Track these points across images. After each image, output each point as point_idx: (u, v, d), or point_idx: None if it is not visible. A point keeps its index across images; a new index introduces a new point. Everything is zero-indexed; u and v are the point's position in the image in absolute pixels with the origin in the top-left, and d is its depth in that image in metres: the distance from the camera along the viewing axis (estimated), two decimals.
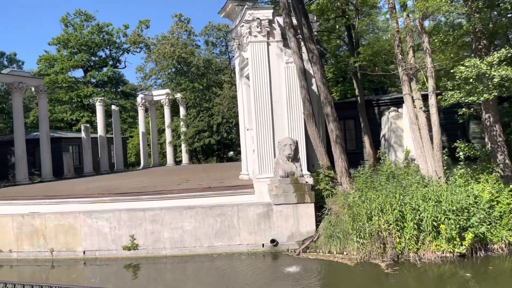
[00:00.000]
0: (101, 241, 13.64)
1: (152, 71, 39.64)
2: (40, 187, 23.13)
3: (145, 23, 44.94)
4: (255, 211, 13.14)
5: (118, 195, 17.26)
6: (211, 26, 37.74)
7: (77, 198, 17.40)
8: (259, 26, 16.41)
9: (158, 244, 13.38)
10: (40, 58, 46.67)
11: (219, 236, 13.19)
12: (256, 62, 16.53)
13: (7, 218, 14.38)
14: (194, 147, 36.74)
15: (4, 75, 26.89)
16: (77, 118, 43.88)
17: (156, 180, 22.50)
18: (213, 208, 13.31)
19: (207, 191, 16.68)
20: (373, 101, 21.82)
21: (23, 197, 18.64)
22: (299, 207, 13.03)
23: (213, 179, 20.05)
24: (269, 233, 13.09)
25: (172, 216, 13.32)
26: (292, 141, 13.70)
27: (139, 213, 13.54)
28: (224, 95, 33.93)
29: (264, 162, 16.33)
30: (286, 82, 16.45)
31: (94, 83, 46.67)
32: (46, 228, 13.97)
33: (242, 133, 19.58)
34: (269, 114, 16.42)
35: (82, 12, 44.97)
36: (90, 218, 13.73)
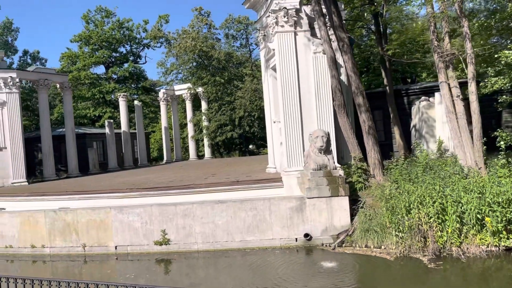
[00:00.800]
0: (133, 236, 13.59)
1: (173, 65, 39.63)
2: (68, 183, 23.34)
3: (164, 18, 44.95)
4: (288, 205, 12.86)
5: (146, 189, 17.25)
6: (231, 19, 37.47)
7: (106, 193, 17.49)
8: (286, 16, 16.03)
9: (189, 239, 13.25)
10: (62, 55, 47.20)
11: (251, 231, 12.97)
12: (283, 52, 16.18)
13: (40, 213, 14.46)
14: (216, 141, 36.62)
15: (30, 72, 27.20)
16: (99, 114, 44.27)
17: (182, 174, 22.44)
18: (244, 202, 13.08)
19: (235, 185, 16.52)
20: (402, 90, 21.19)
21: (53, 193, 18.81)
22: (333, 200, 12.69)
23: (239, 173, 19.86)
24: (302, 227, 12.80)
25: (203, 211, 13.15)
26: (324, 132, 13.34)
27: (170, 207, 13.41)
28: (246, 88, 33.63)
29: (292, 155, 16.02)
30: (314, 73, 16.06)
31: (116, 79, 46.99)
32: (78, 223, 13.99)
33: (269, 126, 19.27)
34: (297, 105, 16.08)
35: (102, 9, 45.19)
36: (121, 213, 13.68)
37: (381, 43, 20.23)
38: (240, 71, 37.58)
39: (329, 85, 16.00)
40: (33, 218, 14.50)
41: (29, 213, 14.78)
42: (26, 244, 14.53)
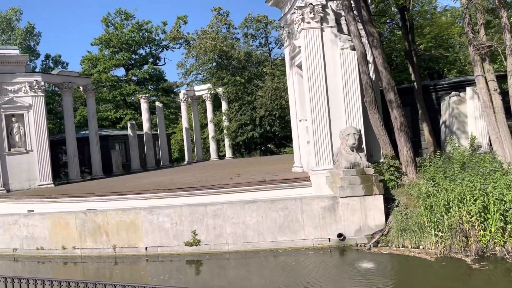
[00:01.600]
0: (163, 237, 13.51)
1: (193, 66, 39.66)
2: (93, 184, 23.52)
3: (183, 19, 45.19)
4: (320, 204, 12.59)
5: (173, 190, 17.21)
6: (250, 18, 37.28)
7: (133, 195, 17.52)
8: (312, 12, 15.75)
9: (220, 239, 13.10)
10: (83, 58, 47.82)
11: (282, 231, 12.74)
12: (310, 49, 15.90)
13: (70, 215, 14.51)
14: (237, 141, 36.48)
15: (54, 75, 27.53)
16: (120, 116, 44.66)
17: (206, 174, 22.37)
18: (275, 202, 12.86)
19: (262, 184, 16.35)
20: (430, 86, 20.67)
21: (81, 195, 18.96)
22: (366, 199, 12.37)
23: (264, 173, 19.66)
24: (335, 227, 12.51)
25: (234, 211, 12.98)
26: (355, 130, 13.03)
27: (200, 208, 13.29)
28: (266, 87, 33.38)
29: (320, 154, 15.73)
30: (342, 69, 15.73)
31: (136, 81, 47.37)
32: (108, 225, 13.98)
33: (294, 124, 19.02)
34: (325, 103, 15.78)
35: (122, 11, 45.62)
36: (151, 214, 13.62)
37: (407, 38, 19.75)
38: (259, 70, 37.34)
39: (357, 81, 15.65)
40: (64, 219, 14.56)
41: (60, 214, 14.86)
42: (57, 246, 14.60)
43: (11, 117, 24.47)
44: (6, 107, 24.18)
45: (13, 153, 24.34)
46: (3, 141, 23.96)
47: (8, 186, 23.84)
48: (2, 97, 24.12)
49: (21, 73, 24.84)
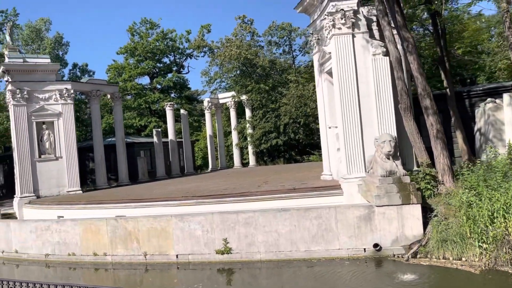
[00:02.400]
0: (194, 244, 13.39)
1: (217, 74, 39.83)
2: (121, 191, 23.67)
3: (206, 28, 45.59)
4: (355, 213, 12.27)
5: (202, 197, 17.13)
6: (274, 25, 37.29)
7: (162, 201, 17.51)
8: (343, 18, 15.58)
9: (252, 248, 12.90)
10: (109, 67, 48.72)
11: (316, 240, 12.45)
12: (341, 55, 15.71)
13: (102, 221, 14.56)
14: (261, 149, 36.34)
15: (83, 83, 28.01)
16: (145, 123, 45.16)
17: (232, 182, 22.23)
18: (308, 211, 12.60)
19: (291, 192, 16.11)
20: (463, 93, 20.10)
21: (110, 201, 19.05)
22: (403, 209, 11.99)
23: (291, 180, 19.41)
24: (371, 237, 12.16)
25: (266, 219, 12.78)
26: (391, 137, 12.70)
27: (232, 215, 13.13)
28: (291, 94, 33.21)
29: (352, 161, 15.45)
30: (373, 75, 15.49)
31: (160, 89, 47.91)
32: (139, 232, 13.96)
33: (323, 131, 18.74)
34: (357, 110, 15.53)
35: (147, 21, 46.33)
36: (182, 221, 13.53)
37: (439, 43, 19.29)
38: (283, 78, 37.23)
39: (389, 87, 15.37)
40: (95, 226, 14.62)
41: (91, 221, 14.93)
42: (89, 252, 14.66)
43: (41, 124, 24.94)
44: (37, 114, 24.66)
45: (43, 159, 24.75)
46: (34, 148, 24.39)
47: (38, 192, 24.22)
48: (33, 105, 24.61)
49: (52, 82, 25.33)
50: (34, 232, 15.81)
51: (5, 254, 16.74)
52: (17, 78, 24.29)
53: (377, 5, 13.66)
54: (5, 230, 16.72)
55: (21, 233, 16.21)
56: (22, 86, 24.19)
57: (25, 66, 24.64)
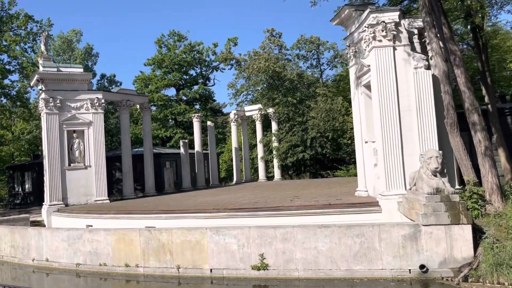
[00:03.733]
0: (229, 259, 12.99)
1: (243, 87, 39.80)
2: (149, 202, 23.51)
3: (233, 41, 45.84)
4: (400, 232, 11.69)
5: (234, 210, 16.77)
6: (303, 39, 37.15)
7: (192, 213, 17.23)
8: (384, 30, 15.23)
9: (289, 265, 12.42)
10: (136, 78, 49.34)
11: (358, 259, 11.90)
12: (381, 68, 15.32)
13: (135, 232, 14.32)
14: (287, 162, 35.89)
15: (114, 93, 28.24)
16: (170, 134, 45.35)
17: (262, 195, 21.82)
18: (350, 228, 12.08)
19: (327, 208, 15.62)
20: (505, 109, 19.37)
21: (140, 211, 18.86)
22: (452, 229, 11.36)
23: (324, 196, 18.90)
24: (417, 258, 11.54)
25: (305, 235, 12.31)
26: (438, 153, 12.13)
27: (269, 230, 12.71)
28: (319, 108, 32.80)
29: (391, 178, 14.92)
30: (415, 89, 15.04)
31: (185, 100, 48.18)
32: (173, 244, 13.65)
33: (359, 146, 18.23)
34: (397, 124, 15.05)
35: (175, 33, 46.88)
36: (218, 234, 13.17)
37: (481, 57, 18.70)
38: (310, 92, 36.90)
39: (431, 102, 14.88)
40: (128, 236, 14.39)
41: (124, 231, 14.72)
42: (120, 263, 14.41)
43: (72, 133, 25.17)
44: (68, 123, 24.91)
45: (72, 168, 24.90)
46: (64, 156, 24.57)
47: (67, 200, 24.30)
48: (65, 114, 24.89)
49: (84, 91, 25.62)
50: (66, 240, 15.69)
51: (35, 262, 16.67)
52: (51, 87, 24.65)
53: (424, 16, 13.25)
54: (37, 238, 16.67)
55: (53, 241, 16.12)
56: (55, 95, 24.54)
57: (59, 75, 25.02)
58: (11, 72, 31.54)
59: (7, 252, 18.03)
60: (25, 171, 36.75)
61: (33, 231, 17.07)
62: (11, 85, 31.41)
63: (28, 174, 36.39)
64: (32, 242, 16.83)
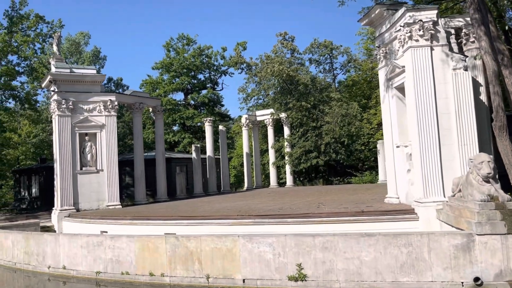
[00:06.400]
0: (263, 269, 12.20)
1: (254, 91, 39.14)
2: (163, 207, 22.76)
3: (242, 45, 45.31)
4: (451, 241, 10.92)
5: (259, 217, 16.01)
6: (316, 43, 36.57)
7: (216, 220, 16.47)
8: (422, 29, 14.57)
9: (330, 275, 11.63)
10: (143, 82, 48.70)
11: (405, 270, 11.12)
12: (418, 69, 14.64)
13: (160, 239, 13.54)
14: (300, 168, 35.11)
15: (127, 95, 27.57)
16: (178, 139, 44.61)
17: (282, 202, 21.04)
18: (397, 237, 11.31)
19: (359, 215, 14.88)
20: None
21: (158, 217, 18.13)
22: (509, 239, 10.60)
23: (351, 203, 18.12)
24: (470, 270, 10.76)
25: (347, 244, 11.53)
26: (489, 157, 11.40)
27: (307, 239, 11.93)
28: (334, 113, 32.09)
29: (429, 184, 14.18)
30: (454, 91, 14.36)
31: (193, 105, 47.50)
32: (202, 252, 12.86)
33: (389, 151, 17.48)
34: (435, 128, 14.34)
35: (184, 36, 46.33)
36: (251, 242, 12.39)
37: None
38: (324, 96, 36.23)
39: (471, 104, 14.22)
40: (153, 243, 13.60)
41: (149, 238, 13.93)
42: (144, 272, 13.61)
43: (84, 136, 24.43)
44: (80, 125, 24.19)
45: (84, 172, 24.14)
46: (76, 160, 23.83)
47: (78, 205, 23.53)
48: (77, 116, 24.17)
49: (96, 93, 24.92)
50: (85, 247, 14.89)
51: (51, 269, 15.85)
52: (63, 88, 23.95)
53: (472, 13, 12.59)
54: (53, 244, 15.87)
55: (71, 248, 15.32)
56: (67, 97, 23.83)
57: (72, 77, 24.33)
58: (20, 73, 30.84)
59: (20, 259, 17.21)
60: (32, 175, 35.91)
61: (49, 237, 16.26)
62: (21, 87, 30.68)
63: (35, 178, 35.55)
64: (48, 249, 16.02)
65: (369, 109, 36.73)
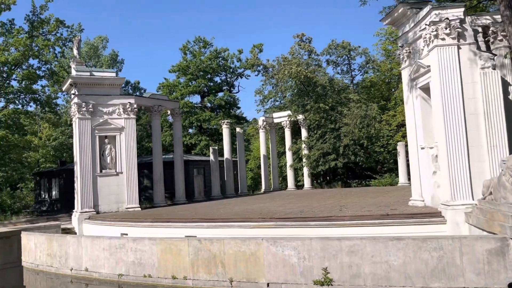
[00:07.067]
0: (288, 272, 11.98)
1: (271, 93, 38.95)
2: (182, 210, 22.69)
3: (258, 47, 45.20)
4: (484, 246, 10.54)
5: (281, 220, 15.79)
6: (334, 44, 36.24)
7: (237, 222, 16.33)
8: (448, 27, 14.21)
9: (357, 280, 11.34)
10: (160, 85, 48.93)
11: (435, 275, 10.77)
12: (444, 68, 14.29)
13: (183, 242, 13.43)
14: (318, 171, 34.75)
15: (146, 98, 27.66)
16: (195, 141, 44.67)
17: (302, 204, 20.76)
18: (426, 241, 10.97)
19: (384, 218, 14.54)
20: None
21: (179, 220, 18.08)
22: None
23: (373, 206, 17.78)
24: (505, 275, 10.36)
25: (374, 248, 11.24)
26: None
27: (333, 242, 11.67)
28: (354, 115, 31.67)
29: (457, 186, 13.81)
30: (482, 91, 13.98)
31: (210, 107, 47.55)
32: (225, 255, 12.70)
33: (413, 153, 17.10)
34: (462, 129, 13.97)
35: (201, 39, 46.44)
36: (275, 245, 12.17)
37: None
38: (342, 98, 35.84)
39: (501, 104, 13.81)
40: (175, 246, 13.49)
41: (171, 240, 13.83)
42: (167, 275, 13.51)
43: (104, 138, 24.56)
44: (100, 128, 24.32)
45: (104, 174, 24.26)
46: (96, 163, 23.95)
47: (98, 207, 23.62)
48: (97, 119, 24.32)
49: (116, 95, 25.05)
50: (107, 249, 14.88)
51: (73, 272, 15.88)
52: (83, 92, 24.14)
53: (502, 10, 12.21)
54: (76, 247, 15.91)
55: (93, 250, 15.32)
56: (87, 100, 24.00)
57: (92, 80, 24.51)
58: (41, 77, 31.26)
59: (42, 261, 17.30)
60: (52, 177, 36.34)
61: (71, 239, 16.31)
62: (42, 90, 31.10)
63: (55, 180, 35.97)
64: (71, 251, 16.06)
65: (387, 111, 36.24)
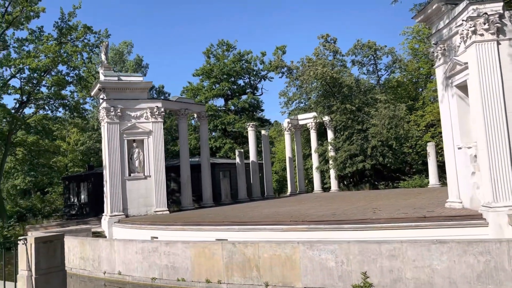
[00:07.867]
0: (325, 277, 11.68)
1: (295, 95, 38.65)
2: (211, 213, 22.64)
3: (282, 49, 44.98)
4: None
5: (313, 223, 15.50)
6: (359, 44, 35.71)
7: (269, 225, 16.13)
8: (487, 23, 13.67)
9: (398, 285, 10.96)
10: (184, 89, 49.26)
11: (482, 280, 10.30)
12: (483, 65, 13.73)
13: (217, 245, 13.29)
14: (345, 173, 34.20)
15: (172, 102, 27.82)
16: (220, 145, 44.73)
17: (332, 207, 20.40)
18: (472, 244, 10.52)
19: (422, 221, 14.08)
20: None
21: (209, 223, 17.99)
22: None
23: (408, 208, 17.30)
24: None
25: (416, 252, 10.85)
26: None
27: (373, 246, 11.33)
28: (382, 115, 31.03)
29: (499, 187, 13.20)
30: None
31: (234, 110, 47.57)
32: (260, 259, 12.50)
33: (450, 153, 16.53)
34: (504, 128, 13.38)
35: (224, 42, 46.54)
36: (312, 249, 11.90)
37: None
38: (368, 98, 35.22)
39: None
40: (209, 249, 13.37)
41: (205, 244, 13.72)
42: (201, 278, 13.40)
43: (132, 142, 24.77)
44: (128, 132, 24.54)
45: (132, 178, 24.45)
46: (124, 166, 24.16)
47: (127, 211, 23.80)
48: (125, 123, 24.54)
49: (143, 99, 25.27)
50: (140, 253, 14.88)
51: (107, 275, 15.96)
52: (112, 96, 24.42)
53: None
54: (108, 250, 15.99)
55: (126, 254, 15.36)
56: (115, 104, 24.26)
57: (119, 84, 24.78)
58: (69, 83, 31.84)
59: (75, 264, 17.48)
60: (81, 182, 36.95)
61: (104, 242, 16.42)
62: (70, 96, 31.69)
63: (84, 185, 36.54)
64: (103, 254, 16.16)
65: (415, 111, 35.43)
